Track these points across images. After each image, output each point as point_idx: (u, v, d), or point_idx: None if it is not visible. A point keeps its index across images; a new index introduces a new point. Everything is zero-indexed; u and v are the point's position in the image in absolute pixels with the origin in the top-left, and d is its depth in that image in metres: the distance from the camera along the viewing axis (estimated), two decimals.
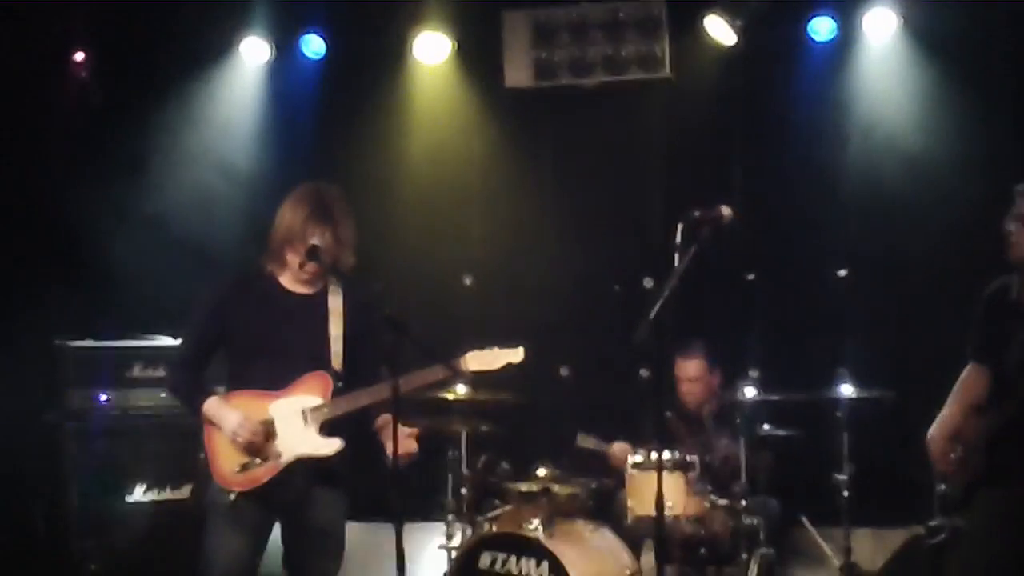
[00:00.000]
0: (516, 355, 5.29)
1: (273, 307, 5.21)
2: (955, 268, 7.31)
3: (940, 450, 5.23)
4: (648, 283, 7.32)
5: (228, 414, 5.09)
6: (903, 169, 7.75)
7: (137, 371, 7.27)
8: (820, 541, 7.55)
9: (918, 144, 7.72)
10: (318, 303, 5.24)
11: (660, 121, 8.41)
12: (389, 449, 4.91)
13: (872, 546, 7.61)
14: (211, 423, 5.14)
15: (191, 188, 8.36)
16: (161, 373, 6.82)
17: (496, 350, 5.26)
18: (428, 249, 8.58)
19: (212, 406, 5.13)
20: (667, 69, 8.10)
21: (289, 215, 5.17)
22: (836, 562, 7.25)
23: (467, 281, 8.16)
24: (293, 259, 5.17)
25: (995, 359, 5.13)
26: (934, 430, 5.29)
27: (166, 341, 7.14)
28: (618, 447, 7.42)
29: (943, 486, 5.34)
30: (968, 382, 5.29)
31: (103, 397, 7.20)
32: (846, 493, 7.02)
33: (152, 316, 7.48)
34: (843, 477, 7.02)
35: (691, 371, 7.60)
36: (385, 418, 5.12)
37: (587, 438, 7.49)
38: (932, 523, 6.49)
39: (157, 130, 8.42)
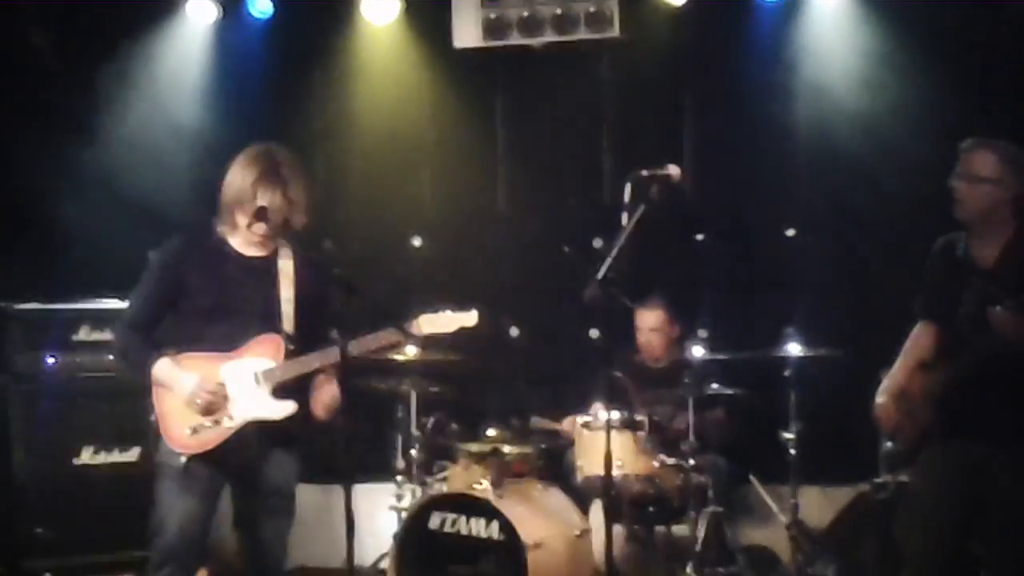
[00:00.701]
0: (469, 319, 5.28)
1: (224, 269, 5.17)
2: (904, 227, 7.36)
3: (888, 407, 5.27)
4: (598, 243, 7.31)
5: (183, 376, 5.06)
6: (853, 129, 7.78)
7: (84, 334, 7.22)
8: (768, 499, 7.62)
9: (868, 103, 7.75)
10: (269, 265, 5.21)
11: (610, 81, 8.39)
12: (315, 407, 5.01)
13: (819, 503, 7.68)
14: (162, 385, 5.10)
15: (139, 148, 8.27)
16: (109, 336, 6.76)
17: (449, 313, 5.25)
18: (377, 211, 8.55)
19: (164, 368, 5.09)
20: (617, 29, 8.07)
21: (238, 177, 5.12)
22: (784, 519, 7.32)
23: (416, 243, 8.14)
24: (243, 221, 5.12)
25: (943, 316, 5.17)
26: (882, 387, 5.33)
27: (114, 303, 7.08)
28: (568, 421, 7.46)
29: (890, 443, 5.39)
30: (917, 339, 5.34)
31: (50, 360, 7.14)
32: (794, 451, 7.09)
33: (99, 278, 7.40)
34: (791, 435, 7.09)
35: (651, 321, 7.64)
36: (321, 379, 5.12)
37: (540, 420, 7.53)
38: (879, 480, 6.58)
39: (104, 90, 8.32)
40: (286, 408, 5.12)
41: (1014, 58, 7.38)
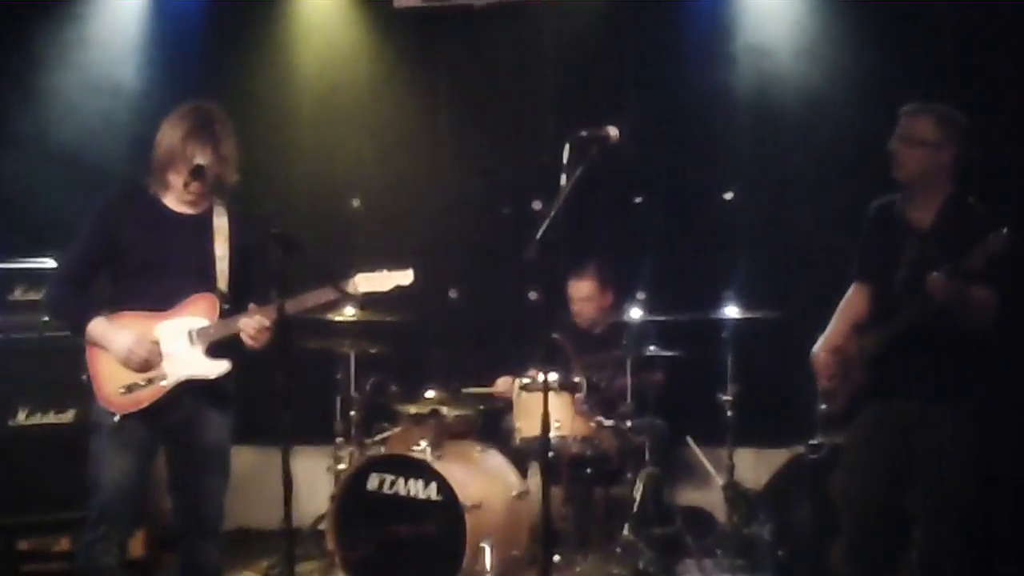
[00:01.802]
0: (406, 277, 5.26)
1: (158, 227, 5.12)
2: (841, 190, 7.40)
3: (823, 368, 5.33)
4: (537, 205, 7.31)
5: (118, 334, 5.02)
6: (791, 92, 7.83)
7: (19, 294, 7.12)
8: (704, 460, 7.69)
9: (806, 67, 7.79)
10: (203, 223, 5.17)
11: (550, 42, 8.36)
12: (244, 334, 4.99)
13: (755, 465, 7.75)
14: (96, 344, 5.06)
15: (74, 107, 8.17)
16: (43, 295, 6.69)
17: (386, 272, 5.23)
18: (317, 171, 8.50)
19: (99, 327, 5.05)
20: None
21: (169, 135, 5.09)
22: (720, 480, 7.39)
23: (356, 203, 8.10)
24: (176, 179, 5.09)
25: (879, 276, 5.22)
26: (817, 348, 5.39)
27: (49, 263, 6.99)
28: (501, 382, 7.49)
29: (825, 405, 5.44)
30: (852, 301, 5.39)
31: None
32: (730, 413, 7.15)
33: (34, 238, 7.32)
34: (728, 397, 7.14)
35: (583, 291, 7.66)
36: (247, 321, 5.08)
37: (472, 389, 7.54)
38: (814, 441, 6.64)
39: (39, 48, 8.21)
40: (220, 367, 5.10)
41: (953, 23, 7.42)
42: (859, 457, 5.25)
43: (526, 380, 7.01)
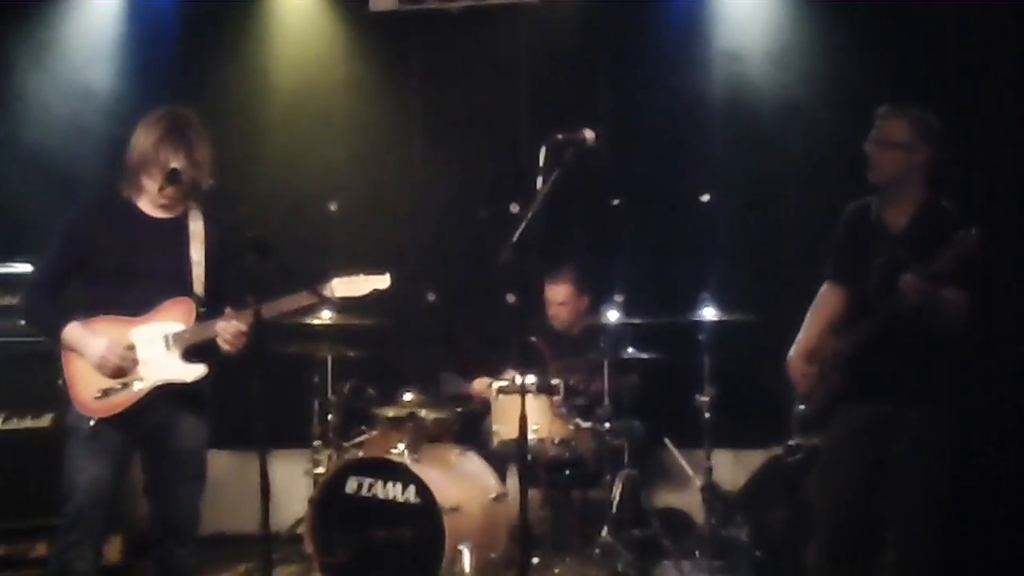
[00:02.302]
0: (383, 281, 5.26)
1: (133, 232, 5.11)
2: (818, 192, 7.41)
3: (798, 370, 5.34)
4: (514, 208, 7.30)
5: (92, 340, 5.01)
6: (766, 95, 7.86)
7: None
8: (682, 462, 7.70)
9: (781, 70, 7.83)
10: (178, 227, 5.16)
11: (526, 45, 8.37)
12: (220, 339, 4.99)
13: (733, 466, 7.78)
14: (72, 349, 5.06)
15: (50, 111, 8.15)
16: (18, 300, 6.66)
17: (363, 276, 5.23)
18: (293, 175, 8.48)
19: (74, 332, 5.04)
20: None
21: (143, 139, 5.09)
22: (698, 482, 7.40)
23: (333, 207, 8.08)
24: (150, 184, 5.09)
25: (853, 279, 5.24)
26: (793, 351, 5.40)
27: (24, 267, 6.97)
28: (477, 383, 7.49)
29: (802, 406, 5.45)
30: (825, 301, 5.40)
31: None
32: (708, 415, 7.15)
33: (9, 242, 7.30)
34: (705, 399, 7.15)
35: (560, 295, 7.67)
36: (224, 326, 5.06)
37: (450, 379, 7.55)
38: (790, 443, 6.66)
39: (10, 50, 8.19)
40: (196, 371, 5.10)
41: (927, 25, 7.46)
42: (834, 459, 5.26)
43: (503, 383, 7.02)
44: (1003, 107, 7.21)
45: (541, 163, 4.72)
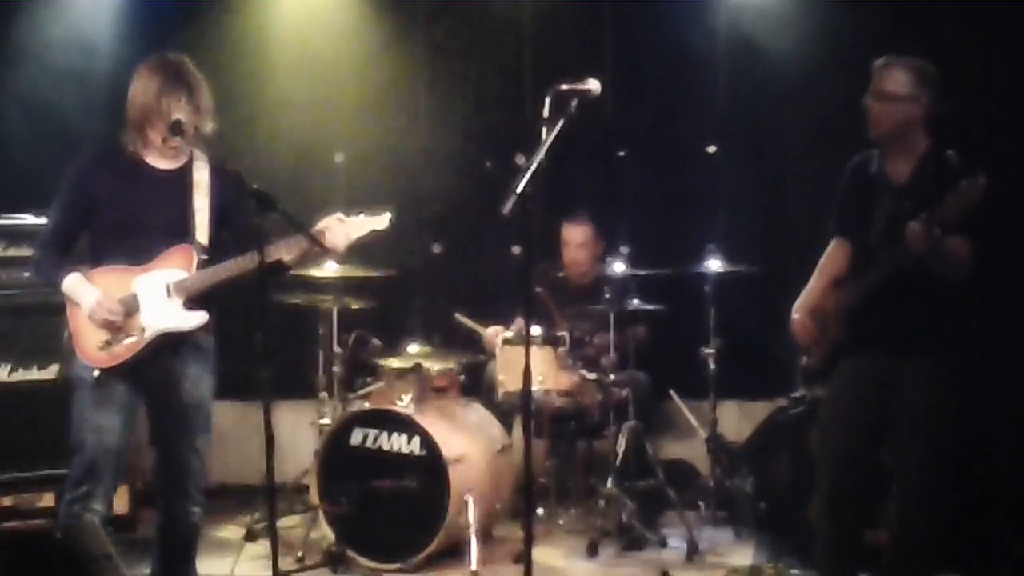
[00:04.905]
0: (381, 222, 5.22)
1: (137, 182, 5.08)
2: (822, 145, 7.39)
3: (803, 323, 5.32)
4: (520, 159, 7.29)
5: (86, 292, 5.00)
6: (772, 46, 7.79)
7: (0, 250, 7.10)
8: (687, 413, 7.72)
9: (787, 22, 7.76)
10: (183, 176, 5.13)
11: None
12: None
13: (737, 418, 7.81)
14: (71, 301, 5.06)
15: (53, 64, 8.10)
16: (26, 252, 6.64)
17: (362, 217, 5.20)
18: (300, 126, 8.43)
19: (72, 283, 5.03)
20: None
21: (142, 91, 5.04)
22: (702, 433, 7.42)
23: (339, 158, 8.06)
24: (154, 135, 5.05)
25: (857, 232, 5.21)
26: (798, 304, 5.38)
27: (29, 220, 6.97)
28: (492, 331, 7.50)
29: (805, 359, 5.44)
30: (831, 257, 5.38)
31: None
32: (713, 366, 7.17)
33: (15, 194, 7.29)
34: (710, 351, 7.17)
35: (579, 237, 7.68)
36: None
37: (465, 318, 7.56)
38: (794, 395, 6.67)
39: (18, 8, 8.14)
40: (197, 317, 5.08)
41: None
42: (836, 411, 5.26)
43: (509, 334, 7.03)
44: (1005, 56, 7.13)
45: (545, 113, 4.69)
